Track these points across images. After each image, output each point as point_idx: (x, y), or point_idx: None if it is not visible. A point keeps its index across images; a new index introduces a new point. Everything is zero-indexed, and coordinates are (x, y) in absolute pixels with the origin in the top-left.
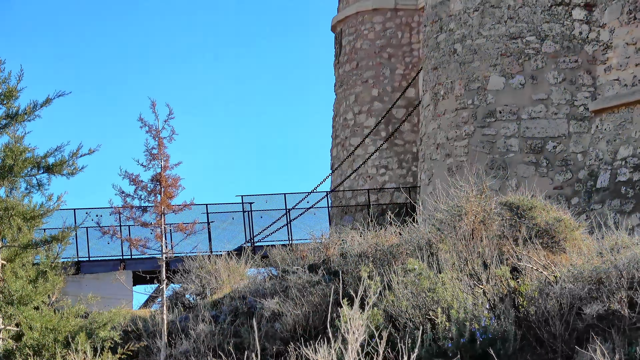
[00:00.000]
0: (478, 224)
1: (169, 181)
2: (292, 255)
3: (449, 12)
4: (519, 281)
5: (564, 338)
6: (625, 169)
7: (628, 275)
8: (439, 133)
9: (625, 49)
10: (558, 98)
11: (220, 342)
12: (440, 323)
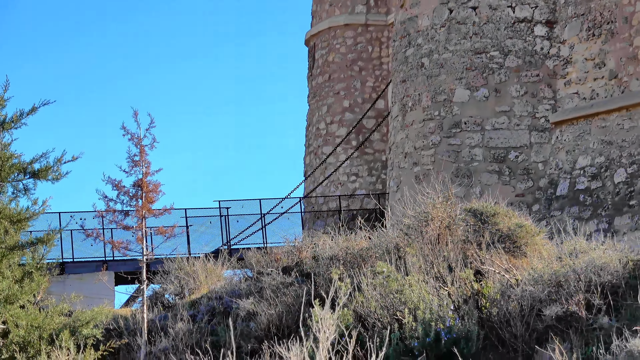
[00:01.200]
0: (444, 229)
1: (150, 187)
2: (267, 258)
3: (417, 28)
4: (482, 284)
5: (525, 338)
6: (583, 178)
7: (585, 279)
8: (407, 142)
9: (584, 64)
10: (520, 110)
11: (197, 340)
12: (407, 323)
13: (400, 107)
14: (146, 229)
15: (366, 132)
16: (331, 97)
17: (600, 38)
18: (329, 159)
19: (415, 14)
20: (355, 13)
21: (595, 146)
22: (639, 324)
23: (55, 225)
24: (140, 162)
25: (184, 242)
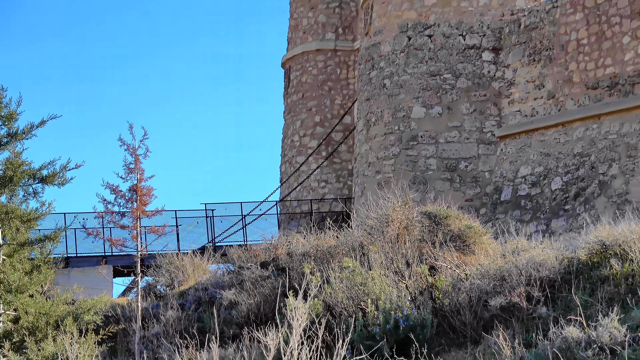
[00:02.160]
0: (402, 229)
1: (143, 191)
2: (247, 254)
3: (379, 53)
4: (435, 278)
5: (473, 325)
6: (524, 185)
7: (526, 274)
8: (370, 153)
9: (525, 85)
10: (469, 125)
11: (185, 326)
12: (370, 312)
13: (365, 122)
14: (140, 228)
15: (334, 144)
16: (304, 113)
17: (539, 63)
18: (302, 168)
19: (378, 40)
20: (325, 40)
21: (535, 157)
22: (573, 313)
23: (60, 224)
24: (135, 169)
25: (174, 240)
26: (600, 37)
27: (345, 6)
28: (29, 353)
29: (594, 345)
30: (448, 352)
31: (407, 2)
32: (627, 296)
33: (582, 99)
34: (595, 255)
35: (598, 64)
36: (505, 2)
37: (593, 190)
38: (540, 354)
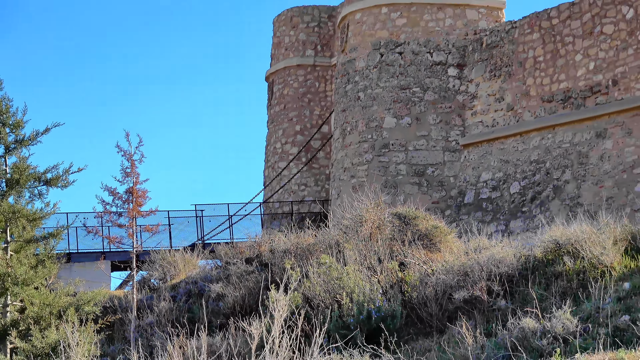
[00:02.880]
0: (375, 229)
1: (139, 193)
2: (233, 251)
3: (354, 68)
4: (405, 273)
5: (438, 316)
6: (486, 189)
7: (487, 270)
8: (345, 159)
9: (487, 98)
10: (436, 135)
11: (177, 316)
12: (345, 304)
13: (341, 131)
14: (136, 227)
15: (313, 151)
16: (286, 122)
17: (500, 78)
18: (283, 172)
19: (353, 57)
20: (305, 56)
21: (495, 164)
22: (529, 306)
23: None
24: (131, 173)
25: (166, 238)
26: (555, 55)
27: (323, 25)
28: (34, 340)
29: (548, 335)
30: (416, 341)
31: (380, 22)
32: (579, 290)
33: (538, 111)
34: (550, 253)
35: (553, 79)
36: (469, 23)
37: (548, 194)
38: (500, 343)
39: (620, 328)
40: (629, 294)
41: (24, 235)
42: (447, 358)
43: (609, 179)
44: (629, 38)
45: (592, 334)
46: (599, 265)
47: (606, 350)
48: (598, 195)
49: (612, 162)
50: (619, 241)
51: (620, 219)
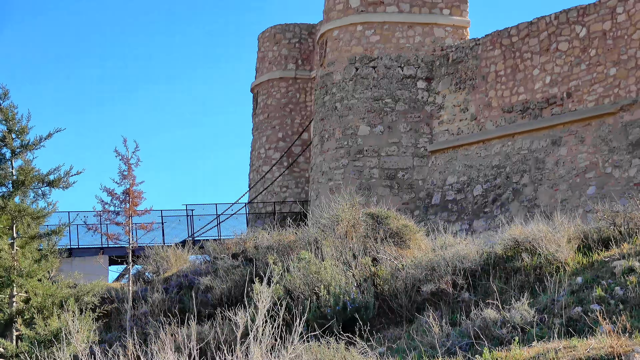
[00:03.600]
0: (350, 227)
1: (135, 194)
2: (220, 247)
3: (332, 81)
4: (377, 268)
5: (408, 307)
6: (451, 192)
7: (452, 265)
8: (324, 164)
9: (452, 109)
10: (406, 142)
11: (169, 306)
12: (323, 296)
13: (319, 138)
14: (132, 225)
15: (294, 156)
16: (269, 130)
17: (464, 90)
18: (267, 175)
19: (331, 70)
20: (287, 69)
21: (460, 169)
22: (490, 298)
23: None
24: (128, 176)
25: (159, 235)
26: (514, 70)
27: (304, 42)
28: (38, 328)
29: (507, 324)
30: (387, 330)
31: (355, 39)
32: (535, 284)
33: (499, 120)
34: (509, 250)
35: (513, 91)
36: (436, 40)
37: (508, 196)
38: (464, 331)
39: (573, 318)
40: (581, 287)
41: (28, 232)
42: (415, 345)
43: (563, 182)
44: (581, 54)
45: (547, 324)
46: (554, 261)
47: (560, 339)
48: (553, 198)
49: (567, 167)
50: (572, 239)
51: (573, 219)
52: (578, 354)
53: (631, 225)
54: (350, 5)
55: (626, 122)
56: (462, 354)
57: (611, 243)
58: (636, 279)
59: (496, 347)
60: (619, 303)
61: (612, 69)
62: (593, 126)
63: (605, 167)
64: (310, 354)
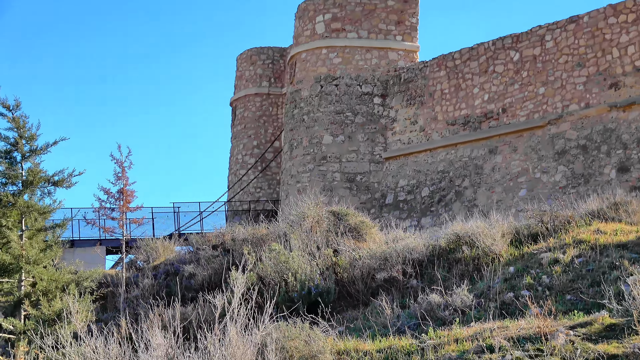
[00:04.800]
0: (314, 223)
1: (128, 193)
2: (202, 239)
3: (300, 97)
4: (338, 258)
5: (364, 292)
6: (402, 193)
7: (402, 256)
8: (292, 168)
9: (404, 122)
10: (364, 150)
11: (157, 290)
12: (290, 282)
13: (289, 146)
14: (125, 220)
15: (267, 161)
16: (246, 139)
17: (414, 106)
18: (243, 178)
19: (299, 88)
20: (262, 86)
21: (410, 173)
22: (435, 284)
23: (67, 215)
24: (122, 177)
25: (150, 228)
26: (457, 88)
27: (276, 63)
28: (43, 308)
29: (450, 307)
30: (346, 312)
31: (320, 60)
32: (474, 273)
33: (444, 132)
34: (452, 243)
35: (456, 107)
36: (390, 62)
37: (451, 197)
38: (412, 313)
39: (506, 303)
40: (513, 276)
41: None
42: (370, 325)
43: (498, 186)
44: (515, 76)
45: (484, 307)
46: (490, 253)
47: (495, 320)
48: (490, 199)
49: (501, 172)
50: (506, 234)
51: (507, 217)
52: (510, 333)
53: (556, 223)
54: (317, 32)
55: (553, 134)
56: (410, 333)
57: (539, 238)
58: (560, 268)
59: (440, 327)
60: (546, 290)
61: (541, 88)
62: (524, 137)
63: (535, 172)
64: (279, 332)
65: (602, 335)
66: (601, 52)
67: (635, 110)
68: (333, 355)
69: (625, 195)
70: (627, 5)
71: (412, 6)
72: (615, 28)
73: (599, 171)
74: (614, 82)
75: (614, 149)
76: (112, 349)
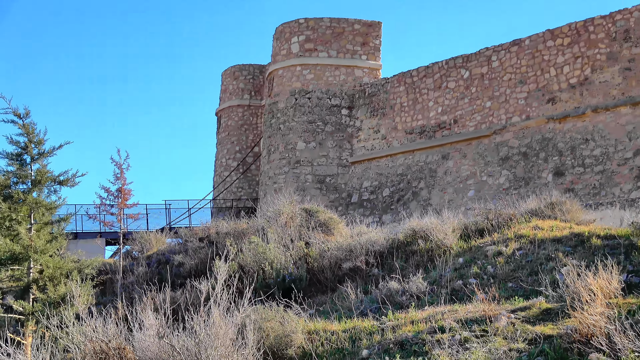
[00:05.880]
0: (289, 219)
1: (125, 191)
2: (190, 233)
3: (277, 108)
4: (309, 249)
5: (332, 280)
6: (366, 193)
7: (365, 248)
8: (270, 171)
9: (368, 131)
10: (332, 155)
11: (150, 277)
12: (267, 270)
13: (267, 151)
14: (123, 215)
15: (248, 165)
16: (229, 144)
17: (377, 117)
18: (227, 179)
19: (276, 100)
20: (243, 99)
21: (373, 176)
22: (394, 273)
23: (71, 211)
24: (120, 178)
25: (144, 223)
26: (415, 102)
27: (256, 78)
28: (49, 292)
29: (407, 293)
30: (316, 296)
31: (295, 76)
32: (428, 263)
33: (403, 140)
34: (409, 237)
35: (413, 118)
36: (356, 78)
37: (408, 197)
38: (373, 298)
39: (455, 289)
40: (462, 266)
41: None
42: (337, 308)
43: (450, 187)
44: (465, 91)
45: (436, 293)
46: (442, 246)
47: (446, 304)
48: (442, 199)
49: (453, 175)
50: (456, 230)
51: (457, 215)
52: (459, 316)
53: (500, 220)
54: (292, 51)
55: (497, 142)
56: (372, 315)
57: (485, 233)
58: (503, 260)
59: (398, 310)
60: (490, 278)
61: (487, 102)
62: (473, 145)
63: (482, 176)
64: (256, 314)
65: (539, 318)
66: (540, 71)
67: (570, 122)
68: (304, 335)
69: (560, 196)
70: (563, 30)
71: (375, 30)
72: (552, 50)
73: (538, 175)
74: (551, 97)
75: (551, 156)
76: (110, 329)
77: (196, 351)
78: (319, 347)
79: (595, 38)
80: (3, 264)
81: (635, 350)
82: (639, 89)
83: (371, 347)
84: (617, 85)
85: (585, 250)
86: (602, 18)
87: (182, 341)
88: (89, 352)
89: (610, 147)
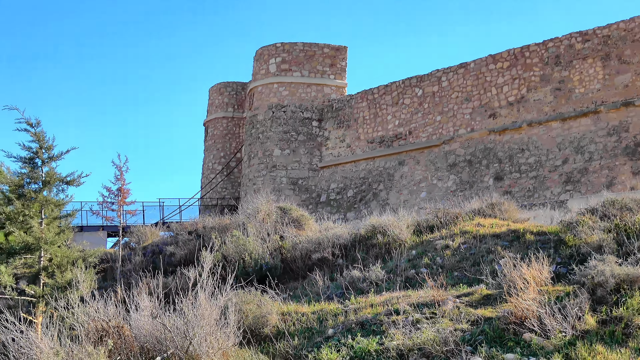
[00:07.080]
0: (266, 215)
1: (125, 191)
2: (181, 227)
3: (257, 120)
4: (283, 242)
5: (302, 269)
6: (333, 194)
7: (332, 241)
8: (250, 174)
9: (335, 140)
10: (304, 161)
11: (146, 265)
12: (247, 260)
13: (248, 157)
14: (122, 211)
15: (231, 168)
16: (215, 151)
17: (343, 128)
18: (213, 180)
19: (256, 113)
20: (228, 111)
21: (339, 179)
22: (356, 263)
23: (77, 207)
24: (120, 178)
25: (141, 218)
26: (376, 116)
27: (239, 93)
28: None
29: (367, 280)
30: (288, 283)
31: (272, 92)
32: (385, 255)
33: (365, 148)
34: (369, 232)
35: (374, 130)
36: (325, 95)
37: (370, 198)
38: (338, 285)
39: (409, 277)
40: (415, 257)
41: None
42: (307, 293)
43: (405, 189)
44: (419, 107)
45: (392, 281)
46: (398, 240)
47: (400, 290)
48: (399, 199)
49: (407, 179)
50: (410, 226)
51: (411, 213)
52: (412, 300)
53: (448, 218)
54: (270, 71)
55: (446, 151)
56: (337, 299)
57: (435, 229)
58: (450, 252)
59: (359, 295)
60: (439, 268)
61: (438, 117)
62: (425, 153)
63: (432, 180)
64: (237, 297)
65: (481, 303)
66: (483, 90)
67: (508, 134)
68: (278, 316)
69: (500, 197)
70: (503, 55)
71: (342, 53)
72: (494, 72)
73: (480, 179)
74: (493, 112)
75: (492, 163)
76: (110, 310)
77: (185, 329)
78: (291, 326)
79: (531, 62)
80: (17, 253)
81: (562, 330)
82: (567, 106)
83: (336, 327)
84: (548, 103)
85: (520, 245)
86: (537, 45)
87: (172, 321)
88: (92, 329)
89: (543, 156)
